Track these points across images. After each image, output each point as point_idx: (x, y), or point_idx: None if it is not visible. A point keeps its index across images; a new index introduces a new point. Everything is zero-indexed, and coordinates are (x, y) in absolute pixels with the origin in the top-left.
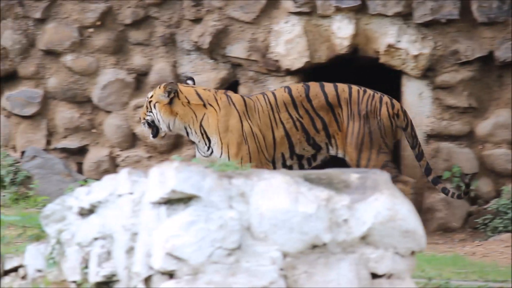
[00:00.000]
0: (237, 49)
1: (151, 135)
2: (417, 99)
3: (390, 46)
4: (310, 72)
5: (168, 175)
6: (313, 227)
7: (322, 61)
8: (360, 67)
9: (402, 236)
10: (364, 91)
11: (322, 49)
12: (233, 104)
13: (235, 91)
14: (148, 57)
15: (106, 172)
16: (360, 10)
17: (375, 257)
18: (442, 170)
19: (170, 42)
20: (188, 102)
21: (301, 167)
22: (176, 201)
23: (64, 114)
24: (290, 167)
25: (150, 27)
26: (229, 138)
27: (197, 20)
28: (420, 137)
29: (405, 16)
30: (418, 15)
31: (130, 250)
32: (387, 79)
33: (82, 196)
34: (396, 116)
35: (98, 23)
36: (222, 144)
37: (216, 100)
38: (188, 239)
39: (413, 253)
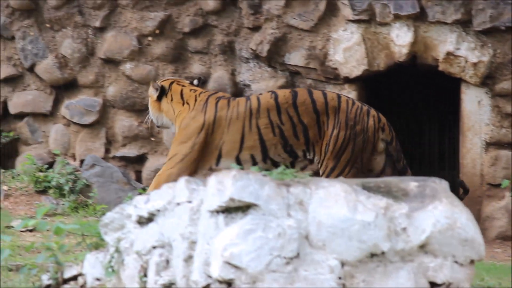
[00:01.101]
0: (295, 57)
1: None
2: (476, 107)
3: (449, 53)
4: (368, 80)
5: (226, 184)
6: (371, 236)
7: (381, 69)
8: (418, 75)
9: (461, 244)
10: (353, 102)
11: (380, 57)
12: (207, 111)
13: None
14: (207, 65)
15: None
16: (419, 17)
17: (434, 265)
18: (501, 178)
19: (228, 50)
20: (172, 100)
21: None
22: (234, 209)
23: (123, 122)
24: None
25: (209, 35)
26: (180, 134)
27: (255, 28)
28: (479, 145)
29: (464, 23)
30: (478, 22)
31: (188, 259)
32: (446, 87)
33: (140, 204)
34: (381, 129)
35: (157, 31)
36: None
37: (195, 101)
38: (246, 248)
39: (472, 262)
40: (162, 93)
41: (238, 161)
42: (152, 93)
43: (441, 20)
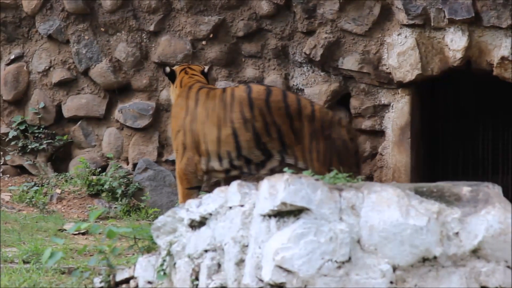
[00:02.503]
0: (349, 62)
1: None
2: None
3: (503, 58)
4: (422, 84)
5: (279, 188)
6: (423, 240)
7: (435, 73)
8: (472, 80)
9: None
10: (327, 112)
11: (434, 62)
12: (189, 97)
13: (347, 104)
14: (260, 70)
15: (217, 184)
16: (474, 22)
17: (486, 270)
18: None
19: (282, 54)
20: (175, 86)
21: (249, 171)
22: (286, 213)
23: None
24: (239, 168)
25: (263, 40)
26: (172, 123)
27: (309, 33)
28: None
29: None
30: None
31: (240, 262)
32: (501, 92)
33: (193, 208)
34: (348, 133)
35: (211, 35)
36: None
37: (188, 88)
38: (298, 252)
39: None
40: (173, 78)
41: (220, 158)
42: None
43: (496, 24)
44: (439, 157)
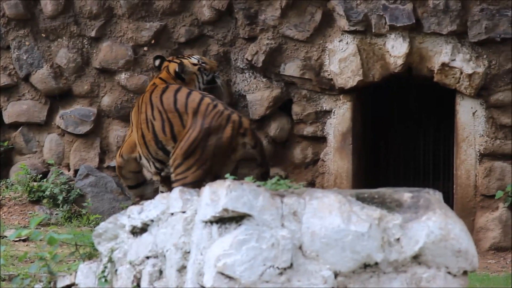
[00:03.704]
0: (290, 68)
1: None
2: (471, 118)
3: (444, 64)
4: (363, 91)
5: (220, 194)
6: (365, 246)
7: (376, 80)
8: (413, 86)
9: (454, 255)
10: (215, 106)
11: (376, 68)
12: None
13: (289, 110)
14: None
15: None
16: (415, 28)
17: (427, 276)
18: (495, 189)
19: (224, 60)
20: None
21: (168, 172)
22: (228, 219)
23: (118, 132)
24: (161, 169)
25: (204, 46)
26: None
27: (251, 39)
28: (473, 156)
29: (460, 34)
30: (473, 34)
31: (182, 269)
32: (441, 98)
33: (134, 214)
34: (242, 135)
35: (153, 41)
36: None
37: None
38: (240, 258)
39: (465, 272)
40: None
41: (147, 160)
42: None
43: (436, 31)
44: (381, 163)
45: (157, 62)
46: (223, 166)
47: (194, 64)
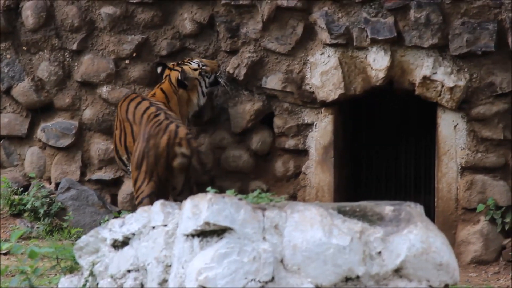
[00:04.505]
0: (272, 81)
1: None
2: (452, 131)
3: (425, 78)
4: (345, 104)
5: (202, 207)
6: (346, 260)
7: (357, 93)
8: (395, 99)
9: (435, 269)
10: (156, 115)
11: (357, 81)
12: None
13: (271, 123)
14: None
15: None
16: (396, 42)
17: None
18: (476, 203)
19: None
20: None
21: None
22: (210, 233)
23: (99, 145)
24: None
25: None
26: None
27: (232, 52)
28: (455, 169)
29: (441, 48)
30: (454, 47)
31: (163, 283)
32: (423, 111)
33: (116, 228)
34: (178, 144)
35: (134, 54)
36: None
37: None
38: (221, 272)
39: (446, 286)
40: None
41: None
42: None
43: (418, 44)
44: (362, 176)
45: (159, 69)
46: (173, 177)
47: (195, 69)
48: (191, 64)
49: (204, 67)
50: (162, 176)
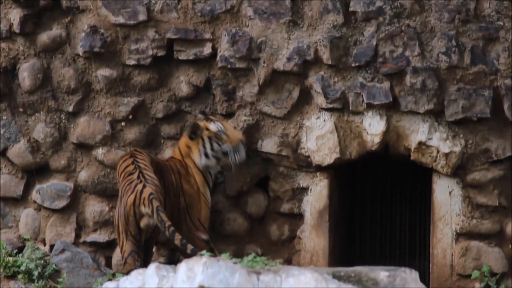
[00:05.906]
0: (268, 144)
1: None
2: (447, 197)
3: (421, 143)
4: (341, 168)
5: (196, 270)
6: None
7: (353, 157)
8: (391, 163)
9: None
10: (131, 174)
11: (353, 146)
12: None
13: (266, 186)
14: None
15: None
16: (392, 107)
17: None
18: (471, 269)
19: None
20: None
21: None
22: None
23: (94, 207)
24: None
25: (182, 121)
26: None
27: (228, 115)
28: (450, 235)
29: (437, 113)
30: (450, 113)
31: None
32: (418, 176)
33: None
34: (143, 204)
35: (130, 117)
36: None
37: None
38: None
39: None
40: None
41: None
42: None
43: (413, 109)
44: (357, 240)
45: (202, 118)
46: (148, 236)
47: (208, 129)
48: (211, 123)
49: (219, 133)
50: (136, 235)
